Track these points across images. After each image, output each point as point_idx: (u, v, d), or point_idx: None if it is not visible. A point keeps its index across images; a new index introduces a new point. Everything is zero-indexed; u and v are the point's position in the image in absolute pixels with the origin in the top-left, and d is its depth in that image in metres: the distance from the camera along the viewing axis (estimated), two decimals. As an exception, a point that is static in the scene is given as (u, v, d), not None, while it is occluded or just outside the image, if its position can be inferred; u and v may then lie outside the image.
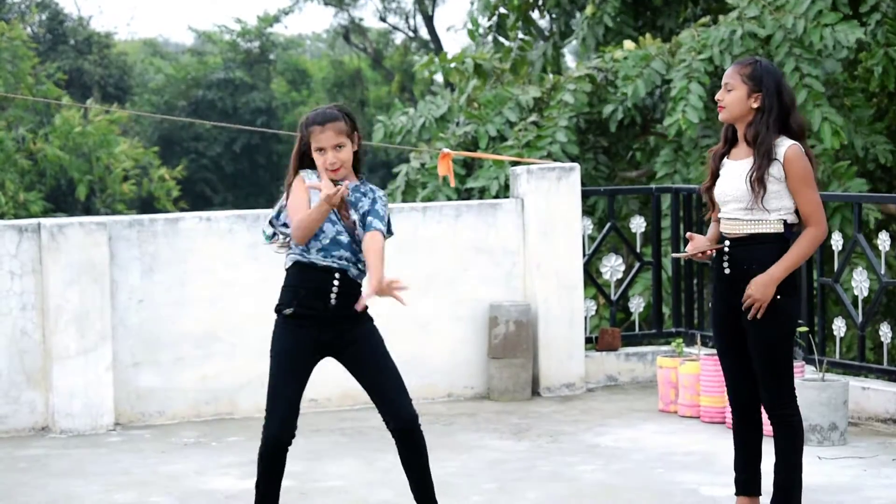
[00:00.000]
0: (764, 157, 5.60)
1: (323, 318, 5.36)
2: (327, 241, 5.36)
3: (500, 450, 7.64)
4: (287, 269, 5.45)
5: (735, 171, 5.70)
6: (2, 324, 8.12)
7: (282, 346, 5.38)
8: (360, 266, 5.39)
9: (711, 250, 5.85)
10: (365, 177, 5.53)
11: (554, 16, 15.32)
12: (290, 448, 5.39)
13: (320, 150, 5.38)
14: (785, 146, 5.62)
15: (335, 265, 5.36)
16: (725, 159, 5.78)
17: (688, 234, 6.10)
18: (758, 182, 5.59)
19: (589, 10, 13.77)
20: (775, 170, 5.61)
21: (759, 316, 5.61)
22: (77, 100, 29.49)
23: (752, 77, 5.66)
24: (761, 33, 11.68)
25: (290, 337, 5.37)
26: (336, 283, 5.35)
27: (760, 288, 5.60)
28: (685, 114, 11.52)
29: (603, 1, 13.70)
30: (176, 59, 43.32)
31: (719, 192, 5.75)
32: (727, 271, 5.74)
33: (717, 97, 5.75)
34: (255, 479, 5.38)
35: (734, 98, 5.68)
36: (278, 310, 5.43)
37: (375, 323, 5.48)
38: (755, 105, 5.66)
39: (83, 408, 8.15)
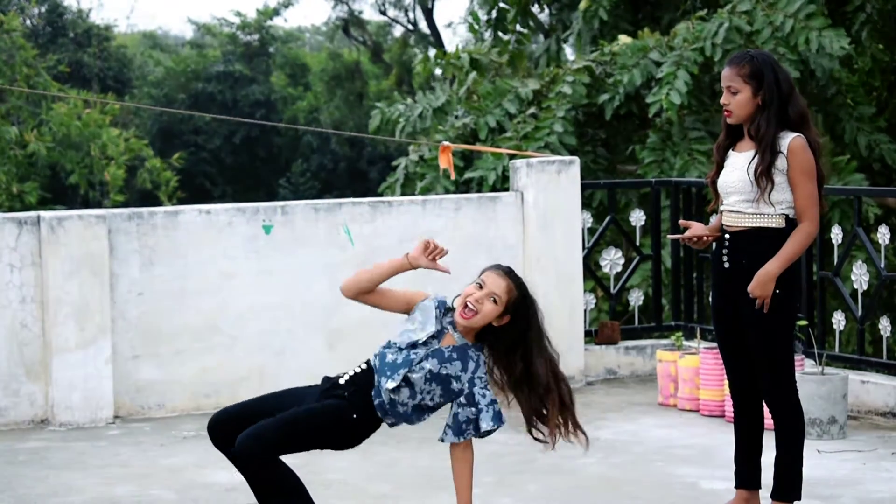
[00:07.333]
0: (767, 151, 5.60)
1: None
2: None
3: (499, 442, 7.62)
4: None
5: (738, 162, 5.71)
6: (1, 316, 8.12)
7: None
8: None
9: (708, 238, 5.87)
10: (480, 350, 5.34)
11: (553, 10, 15.31)
12: None
13: (479, 285, 5.25)
14: (788, 138, 5.62)
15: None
16: (731, 151, 5.78)
17: (681, 221, 6.12)
18: (764, 176, 5.59)
19: (584, 3, 13.77)
20: (780, 162, 5.61)
21: (764, 310, 5.62)
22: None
23: (752, 76, 5.63)
24: (746, 28, 11.71)
25: None
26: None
27: (759, 286, 5.60)
28: (668, 95, 11.59)
29: None
30: (175, 51, 43.28)
31: (722, 182, 5.75)
32: (726, 265, 5.75)
33: (721, 101, 5.71)
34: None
35: (740, 101, 5.65)
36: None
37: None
38: (760, 102, 5.65)
39: (83, 400, 8.15)
